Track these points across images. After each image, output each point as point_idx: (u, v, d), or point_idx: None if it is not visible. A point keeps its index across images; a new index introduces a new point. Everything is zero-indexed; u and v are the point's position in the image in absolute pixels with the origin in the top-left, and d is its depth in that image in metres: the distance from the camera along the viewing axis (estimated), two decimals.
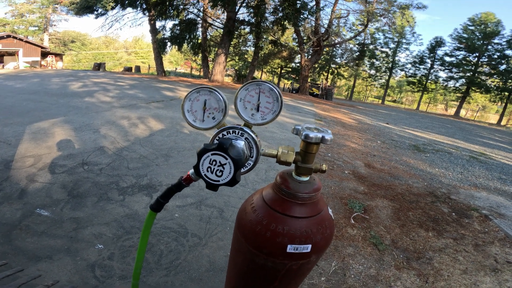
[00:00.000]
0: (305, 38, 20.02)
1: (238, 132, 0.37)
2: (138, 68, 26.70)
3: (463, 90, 32.23)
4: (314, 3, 17.49)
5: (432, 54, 34.44)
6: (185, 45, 18.94)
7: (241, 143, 0.35)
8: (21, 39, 21.73)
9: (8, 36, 20.97)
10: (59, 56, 26.25)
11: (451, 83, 34.46)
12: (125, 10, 16.83)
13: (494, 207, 2.87)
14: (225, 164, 0.30)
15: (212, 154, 0.30)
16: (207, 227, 1.88)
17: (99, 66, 23.41)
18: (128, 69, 25.17)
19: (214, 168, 0.30)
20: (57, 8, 31.85)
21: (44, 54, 23.97)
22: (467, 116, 38.22)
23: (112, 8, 14.94)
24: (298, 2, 13.67)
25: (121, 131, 3.79)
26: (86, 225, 1.76)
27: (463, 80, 32.40)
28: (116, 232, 1.72)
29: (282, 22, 15.40)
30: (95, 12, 15.95)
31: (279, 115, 0.38)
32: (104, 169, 2.58)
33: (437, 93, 40.35)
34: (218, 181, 0.31)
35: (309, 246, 0.35)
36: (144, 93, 8.02)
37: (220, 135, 0.37)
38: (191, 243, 1.69)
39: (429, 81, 35.31)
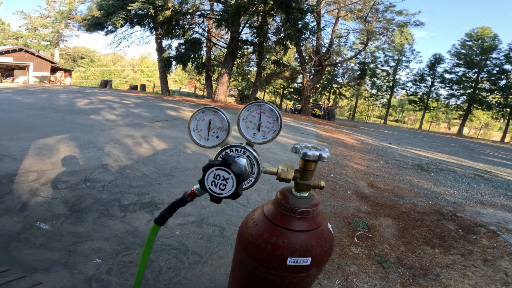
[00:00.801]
0: (306, 57, 20.53)
1: (241, 150, 0.38)
2: (143, 87, 27.32)
3: (464, 108, 32.31)
4: (315, 23, 18.13)
5: (432, 72, 34.94)
6: (189, 64, 19.49)
7: (243, 161, 0.37)
8: (32, 53, 21.93)
9: (21, 50, 21.16)
10: (68, 72, 26.65)
11: (452, 101, 34.66)
12: (134, 28, 17.44)
13: (501, 223, 2.82)
14: (228, 178, 0.32)
15: (216, 169, 0.32)
16: (208, 245, 1.86)
17: (105, 84, 23.95)
18: (134, 87, 25.74)
19: (218, 182, 0.32)
20: (69, 23, 32.63)
21: (54, 70, 24.20)
22: (470, 134, 38.12)
23: (121, 26, 15.51)
24: (299, 22, 14.15)
25: (125, 149, 3.83)
26: (86, 239, 1.75)
27: (464, 97, 32.57)
28: (115, 248, 1.70)
29: (284, 42, 15.89)
30: (105, 29, 16.49)
31: (279, 135, 0.40)
32: (106, 186, 2.60)
33: (439, 112, 40.53)
34: (222, 194, 0.33)
35: (309, 259, 0.36)
36: (148, 112, 8.16)
37: (224, 153, 0.39)
38: (191, 261, 1.67)
39: (430, 99, 35.56)
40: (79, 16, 26.97)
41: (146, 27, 17.06)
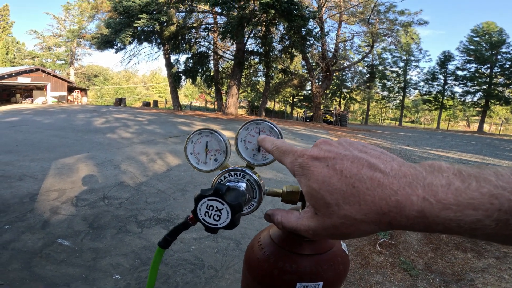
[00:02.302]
0: (313, 64, 20.53)
1: (240, 174, 0.38)
2: (156, 103, 28.00)
3: (482, 104, 31.15)
4: (318, 29, 18.19)
5: (443, 70, 34.07)
6: (198, 78, 19.93)
7: (242, 186, 0.36)
8: (49, 73, 22.04)
9: (37, 70, 21.23)
10: (84, 91, 27.02)
11: (468, 98, 33.48)
12: (142, 45, 18.10)
13: None
14: (222, 209, 0.31)
15: (208, 200, 0.31)
16: (223, 259, 1.84)
17: (120, 102, 24.65)
18: (147, 104, 26.44)
19: (211, 213, 0.31)
20: (80, 42, 33.12)
21: (70, 89, 24.37)
22: (491, 131, 36.48)
23: (130, 43, 16.13)
24: (303, 29, 14.23)
25: (140, 166, 3.93)
26: (105, 255, 1.79)
27: (480, 93, 31.47)
28: (133, 263, 1.72)
29: (290, 50, 15.99)
30: (115, 47, 17.12)
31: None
32: (123, 203, 2.66)
33: (456, 110, 39.17)
34: (216, 225, 0.32)
35: (320, 283, 0.35)
36: (162, 128, 8.35)
37: (222, 177, 0.38)
38: (208, 275, 1.66)
39: (445, 97, 34.52)
40: (89, 34, 27.89)
41: (154, 43, 17.67)
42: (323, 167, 0.25)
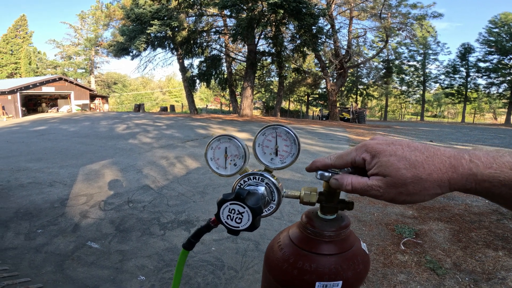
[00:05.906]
0: (327, 62, 20.19)
1: (259, 178, 0.39)
2: (172, 107, 28.62)
3: (508, 96, 29.41)
4: (329, 26, 17.85)
5: (464, 62, 32.50)
6: (212, 81, 20.17)
7: (261, 189, 0.38)
8: (71, 82, 22.75)
9: (60, 79, 21.92)
10: (105, 98, 27.86)
11: (493, 90, 31.67)
12: (156, 51, 18.52)
13: None
14: (243, 212, 0.33)
15: (230, 204, 0.33)
16: (243, 260, 1.87)
17: (139, 108, 25.43)
18: (164, 109, 27.10)
19: (233, 216, 0.33)
20: (98, 50, 33.92)
21: (92, 97, 25.23)
22: None
23: (144, 49, 16.60)
24: (313, 27, 14.03)
25: (161, 170, 4.05)
26: (131, 257, 1.87)
27: (505, 84, 29.76)
28: (157, 265, 1.78)
29: (302, 49, 15.82)
30: (131, 54, 17.64)
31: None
32: (146, 206, 2.76)
33: (481, 102, 37.11)
34: (238, 227, 0.34)
35: (340, 282, 0.35)
36: (180, 132, 8.55)
37: (242, 181, 0.40)
38: (228, 276, 1.69)
39: (469, 90, 32.83)
40: (105, 42, 28.73)
41: (167, 48, 18.06)
42: (387, 146, 0.31)
